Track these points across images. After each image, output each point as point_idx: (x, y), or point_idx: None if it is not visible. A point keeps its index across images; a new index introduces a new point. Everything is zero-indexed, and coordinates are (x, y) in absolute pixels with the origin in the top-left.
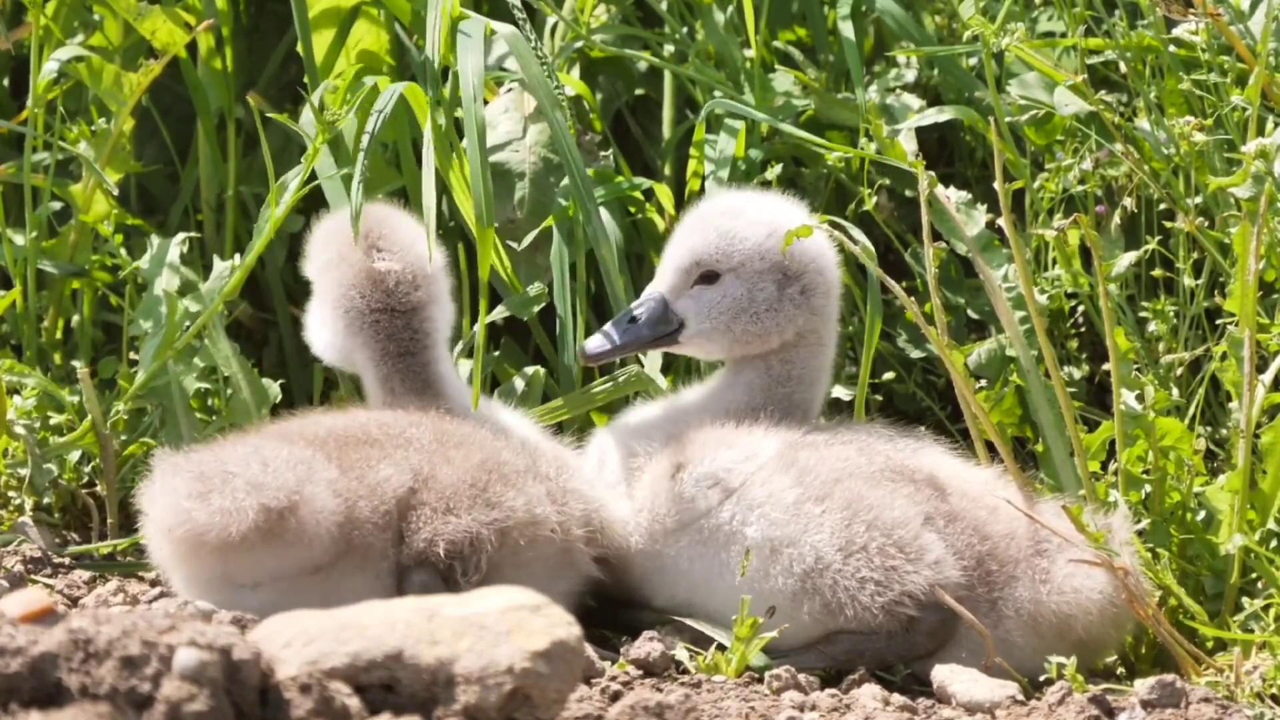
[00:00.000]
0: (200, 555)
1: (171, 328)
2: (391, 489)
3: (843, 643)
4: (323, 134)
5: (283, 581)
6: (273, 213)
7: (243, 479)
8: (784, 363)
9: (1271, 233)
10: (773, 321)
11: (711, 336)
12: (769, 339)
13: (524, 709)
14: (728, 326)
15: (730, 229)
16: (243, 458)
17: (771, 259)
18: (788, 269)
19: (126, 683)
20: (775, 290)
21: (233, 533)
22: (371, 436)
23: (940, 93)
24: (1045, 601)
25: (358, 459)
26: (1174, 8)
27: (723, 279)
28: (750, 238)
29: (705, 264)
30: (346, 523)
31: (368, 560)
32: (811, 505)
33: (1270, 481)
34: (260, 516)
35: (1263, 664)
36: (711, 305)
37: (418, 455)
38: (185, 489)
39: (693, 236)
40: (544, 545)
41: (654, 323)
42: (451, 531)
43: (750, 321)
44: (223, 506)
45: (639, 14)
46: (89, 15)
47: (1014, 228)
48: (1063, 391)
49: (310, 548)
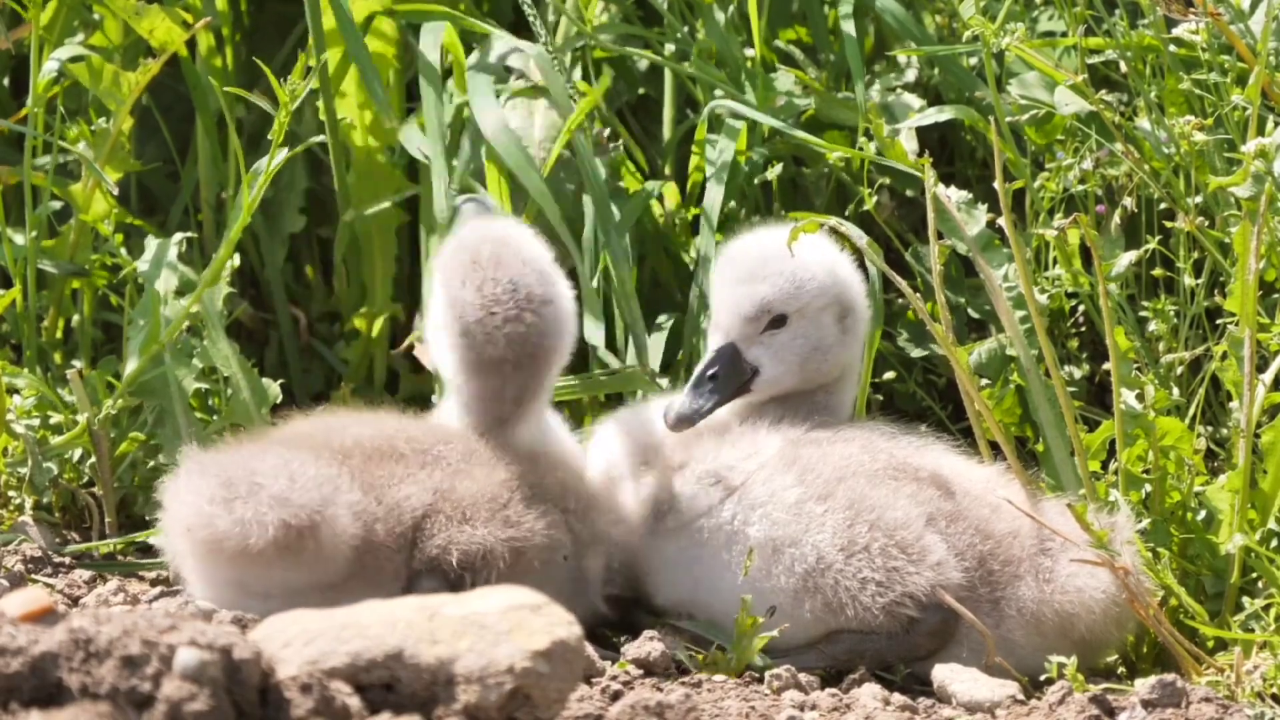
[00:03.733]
0: (216, 560)
1: (156, 321)
2: (410, 509)
3: (843, 642)
4: (285, 109)
5: (293, 594)
6: (245, 199)
7: (268, 493)
8: (826, 393)
9: (1272, 232)
10: (835, 357)
11: (783, 380)
12: (832, 375)
13: (524, 708)
14: (800, 368)
15: (794, 272)
16: (272, 470)
17: (830, 295)
18: (843, 302)
19: (127, 682)
20: (836, 326)
21: (251, 544)
22: (398, 451)
23: (941, 92)
24: (1048, 600)
25: (381, 476)
26: (1174, 7)
27: (790, 321)
28: (815, 278)
29: (775, 310)
30: (363, 545)
31: (380, 579)
32: (814, 504)
33: (1271, 481)
34: (280, 532)
35: (1263, 663)
36: (783, 349)
37: (441, 474)
38: (210, 493)
39: (757, 284)
40: (556, 570)
41: (731, 377)
42: (466, 541)
43: (820, 360)
44: (245, 517)
45: (640, 13)
46: (89, 15)
47: (1014, 227)
48: (1063, 391)
49: (325, 567)
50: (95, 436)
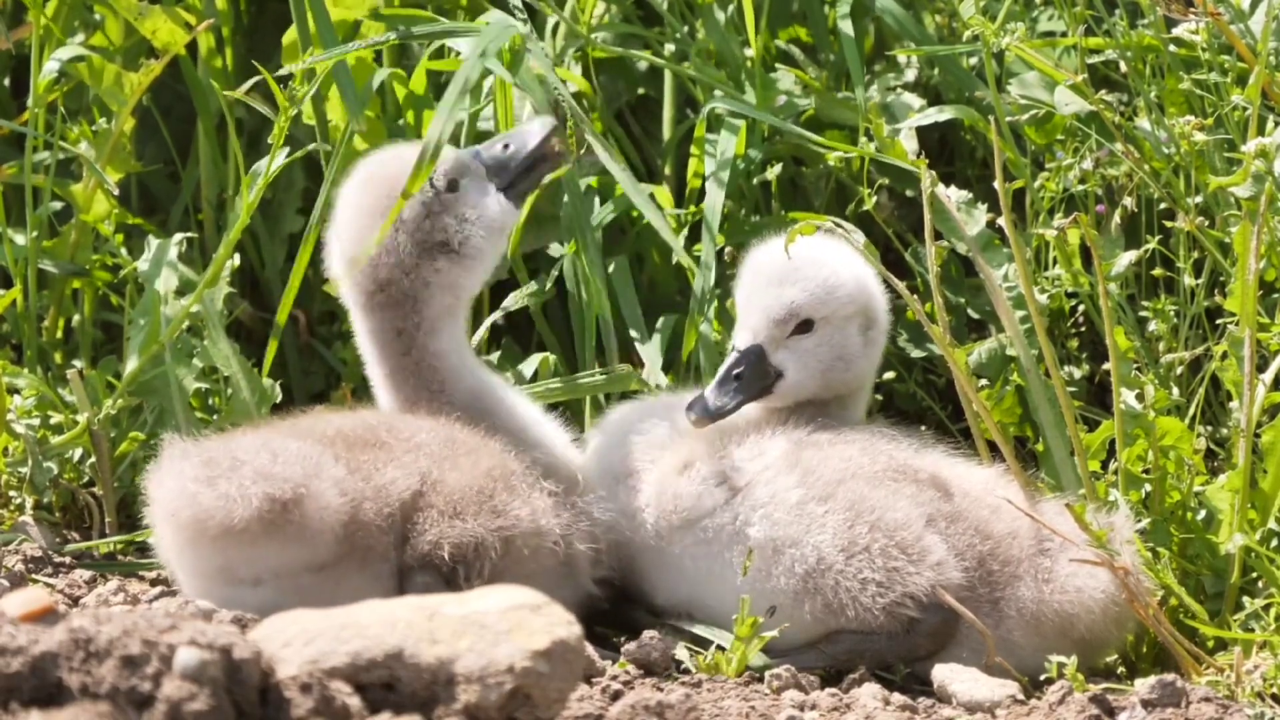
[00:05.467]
0: (202, 542)
1: (156, 321)
2: (397, 492)
3: (843, 642)
4: (284, 114)
5: (283, 579)
6: (245, 200)
7: (250, 467)
8: (842, 406)
9: (1271, 232)
10: (858, 367)
11: (806, 385)
12: (851, 384)
13: (524, 708)
14: (823, 374)
15: (825, 279)
16: (252, 448)
17: (858, 305)
18: (868, 314)
19: (127, 682)
20: (860, 336)
21: (236, 519)
22: (380, 439)
23: (941, 92)
24: (1048, 601)
25: (365, 460)
26: (1174, 7)
27: (817, 327)
28: (844, 285)
29: (804, 314)
30: (351, 522)
31: (369, 561)
32: (815, 505)
33: (1270, 481)
34: (265, 505)
35: (1263, 663)
36: (808, 355)
37: (426, 460)
38: (192, 473)
39: (787, 287)
40: (546, 557)
41: (756, 378)
42: (457, 535)
43: (844, 369)
44: (228, 492)
45: (639, 13)
46: (90, 15)
47: (1014, 227)
48: (1063, 391)
49: (312, 544)
50: (95, 436)
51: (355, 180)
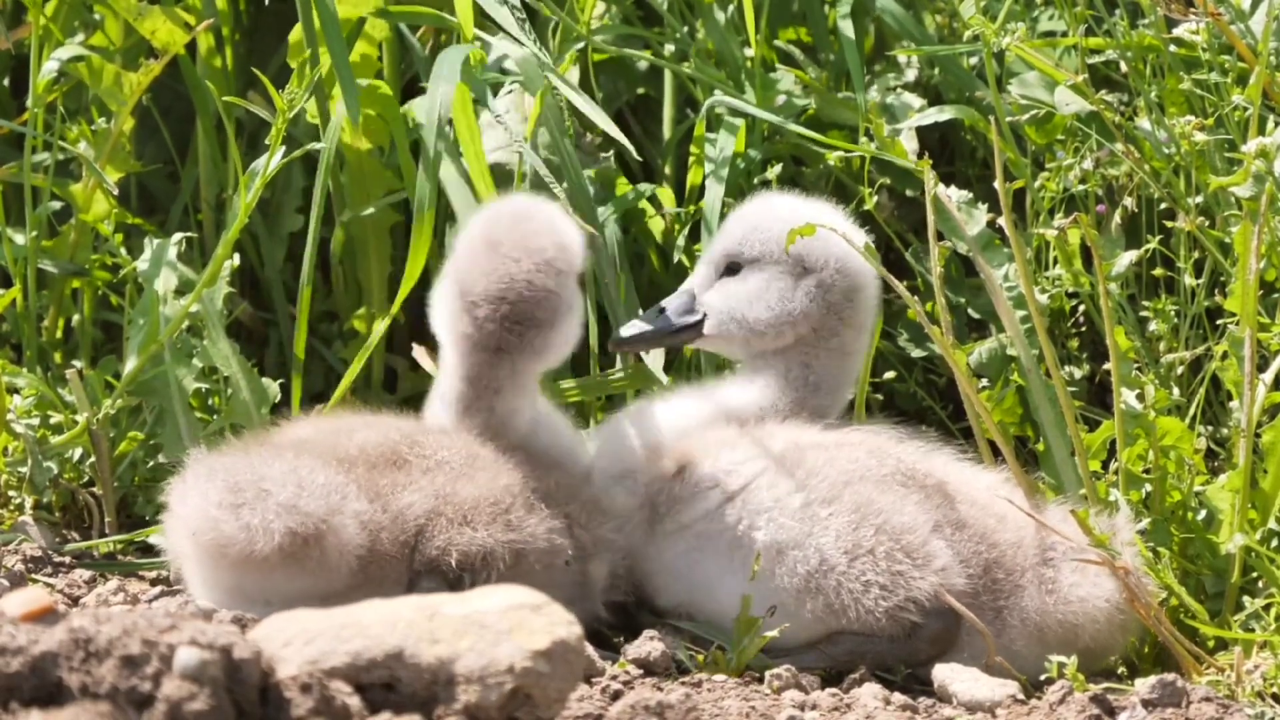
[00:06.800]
0: (220, 565)
1: (155, 321)
2: (413, 516)
3: (844, 643)
4: (283, 115)
5: (294, 603)
6: (243, 199)
7: (275, 500)
8: (802, 365)
9: (1272, 232)
10: (784, 312)
11: (728, 327)
12: (782, 333)
13: (525, 708)
14: (743, 316)
15: (755, 222)
16: (280, 476)
17: (793, 256)
18: (805, 262)
19: (127, 682)
20: (791, 282)
21: (256, 551)
22: (402, 457)
23: (941, 92)
24: (1051, 611)
25: (385, 485)
26: (1175, 7)
27: (744, 270)
28: (771, 229)
29: (730, 255)
30: (368, 554)
31: (382, 587)
32: (819, 508)
33: (1271, 481)
34: (286, 540)
35: (1264, 663)
36: (729, 295)
37: (443, 477)
38: (217, 497)
39: (723, 232)
40: (558, 574)
41: (680, 312)
42: (466, 543)
43: (763, 310)
44: (251, 523)
45: (639, 13)
46: (89, 15)
47: (1015, 227)
48: (1063, 391)
49: (328, 577)
50: (95, 436)
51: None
